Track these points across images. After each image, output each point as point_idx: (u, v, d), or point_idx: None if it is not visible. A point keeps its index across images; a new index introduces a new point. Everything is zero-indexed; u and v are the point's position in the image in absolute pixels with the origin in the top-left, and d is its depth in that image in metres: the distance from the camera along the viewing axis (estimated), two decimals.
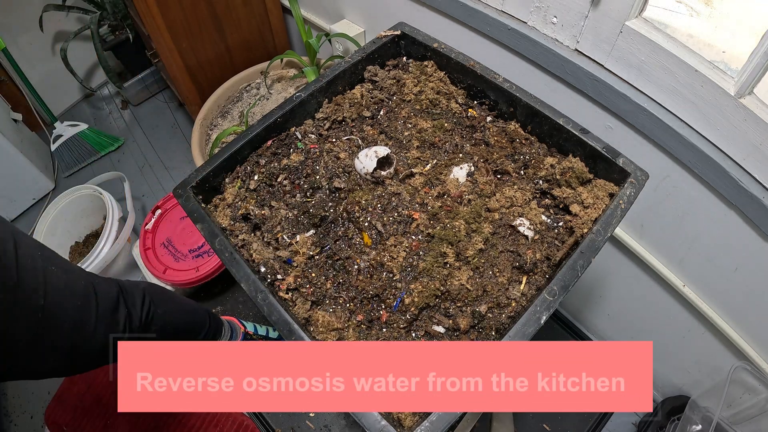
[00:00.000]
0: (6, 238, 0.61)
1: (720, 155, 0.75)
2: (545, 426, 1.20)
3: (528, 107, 0.73)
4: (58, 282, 0.65)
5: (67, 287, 0.66)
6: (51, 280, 0.64)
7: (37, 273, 0.62)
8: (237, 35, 1.53)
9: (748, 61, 0.66)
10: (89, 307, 0.68)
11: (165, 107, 2.15)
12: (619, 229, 1.02)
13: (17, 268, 0.60)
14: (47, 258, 0.66)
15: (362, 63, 0.84)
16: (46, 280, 0.63)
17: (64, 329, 0.65)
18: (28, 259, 0.62)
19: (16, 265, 0.60)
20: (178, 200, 0.69)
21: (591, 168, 0.68)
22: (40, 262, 0.64)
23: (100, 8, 1.83)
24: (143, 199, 1.85)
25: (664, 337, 1.10)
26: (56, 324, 0.63)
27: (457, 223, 0.65)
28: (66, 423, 1.22)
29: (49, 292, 0.63)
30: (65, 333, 0.65)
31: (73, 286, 0.67)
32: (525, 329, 0.53)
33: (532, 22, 0.90)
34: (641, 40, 0.76)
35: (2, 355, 0.59)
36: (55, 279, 0.64)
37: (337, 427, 1.22)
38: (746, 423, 1.01)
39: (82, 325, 0.66)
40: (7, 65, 1.74)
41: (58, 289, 0.64)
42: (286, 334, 0.56)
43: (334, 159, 0.74)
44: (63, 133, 1.89)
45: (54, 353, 0.64)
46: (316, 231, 0.69)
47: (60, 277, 0.66)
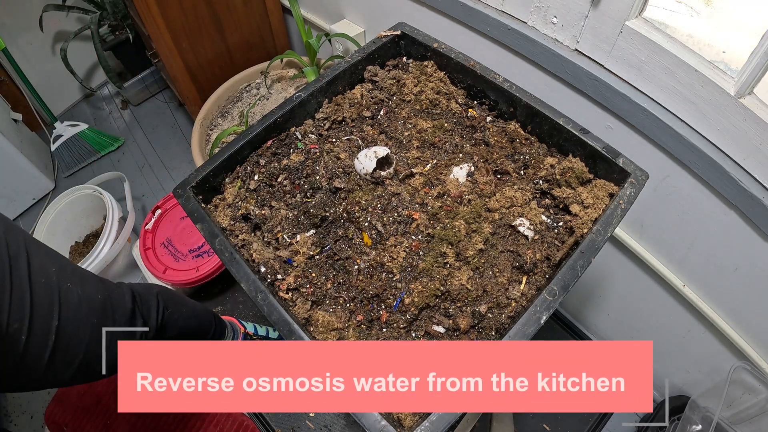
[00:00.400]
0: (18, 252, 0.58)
1: (720, 155, 0.75)
2: (545, 426, 1.20)
3: (528, 107, 0.73)
4: (74, 298, 0.62)
5: (83, 303, 0.63)
6: (66, 297, 0.61)
7: (52, 291, 0.60)
8: (237, 35, 1.53)
9: (748, 61, 0.66)
10: (105, 322, 0.66)
11: (165, 107, 2.15)
12: (619, 229, 1.02)
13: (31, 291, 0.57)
14: (62, 271, 0.63)
15: (362, 63, 0.84)
16: (60, 298, 0.60)
17: (80, 347, 0.63)
18: (42, 277, 0.60)
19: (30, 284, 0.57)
20: (178, 200, 0.69)
21: (591, 168, 0.68)
22: (55, 278, 0.61)
23: (100, 8, 1.83)
24: (143, 199, 1.85)
25: (664, 337, 1.10)
26: (70, 343, 0.61)
27: (457, 223, 0.65)
28: (66, 423, 1.22)
29: (63, 311, 0.60)
30: (80, 350, 0.63)
31: (90, 302, 0.65)
32: (525, 329, 0.53)
33: (532, 22, 0.90)
34: (641, 40, 0.76)
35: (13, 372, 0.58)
36: (70, 296, 0.62)
37: (337, 427, 1.22)
38: (746, 423, 1.01)
39: (98, 341, 0.64)
40: (7, 65, 1.74)
41: (74, 306, 0.62)
42: (286, 334, 0.56)
43: (334, 159, 0.74)
44: (63, 133, 1.89)
45: (69, 368, 0.63)
46: (316, 231, 0.69)
47: (75, 292, 0.63)
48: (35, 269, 0.59)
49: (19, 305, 0.55)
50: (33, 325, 0.57)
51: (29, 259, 0.59)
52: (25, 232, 0.64)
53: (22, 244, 0.60)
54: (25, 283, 0.57)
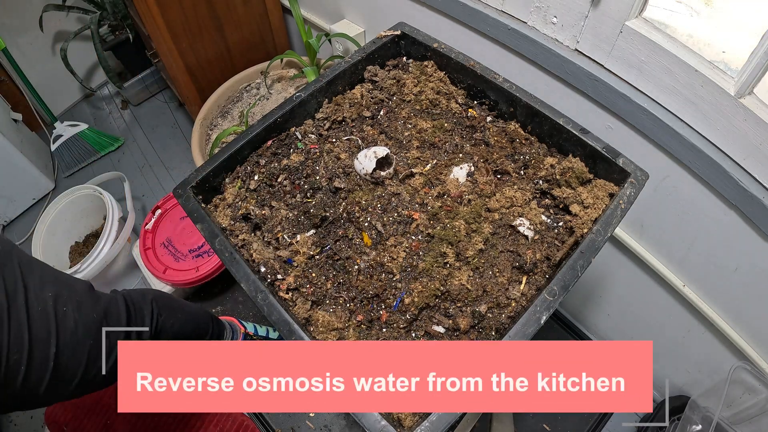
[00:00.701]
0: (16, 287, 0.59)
1: (720, 155, 0.75)
2: (545, 426, 1.20)
3: (528, 107, 0.73)
4: (70, 324, 0.63)
5: (79, 327, 0.64)
6: (63, 324, 0.62)
7: (49, 320, 0.60)
8: (237, 35, 1.53)
9: (748, 61, 0.66)
10: (101, 343, 0.66)
11: (165, 107, 2.15)
12: (619, 229, 1.02)
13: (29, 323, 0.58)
14: (58, 297, 0.63)
15: (362, 63, 0.84)
16: (58, 326, 0.61)
17: (78, 369, 0.64)
18: (39, 306, 0.60)
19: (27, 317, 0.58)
20: (178, 200, 0.69)
21: (591, 168, 0.68)
22: (51, 305, 0.62)
23: (100, 8, 1.83)
24: (143, 199, 1.85)
25: (664, 337, 1.10)
26: (68, 366, 0.62)
27: (457, 223, 0.65)
28: (66, 423, 1.22)
29: (61, 338, 0.61)
30: (79, 371, 0.64)
31: (86, 325, 0.65)
32: (525, 329, 0.53)
33: (532, 22, 0.90)
34: (641, 40, 0.76)
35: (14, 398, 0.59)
36: (67, 322, 0.62)
37: (337, 427, 1.22)
38: (746, 423, 1.01)
39: (95, 361, 0.65)
40: (7, 65, 1.74)
41: (71, 331, 0.63)
42: (286, 334, 0.56)
43: (334, 159, 0.74)
44: (63, 133, 1.89)
45: (68, 387, 0.64)
46: (316, 231, 0.69)
47: (71, 317, 0.63)
48: (31, 300, 0.60)
49: (17, 338, 0.57)
50: (32, 355, 0.58)
51: (26, 293, 0.60)
52: (20, 256, 0.63)
53: (18, 278, 0.60)
54: (23, 315, 0.58)
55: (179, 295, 1.48)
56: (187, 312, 0.92)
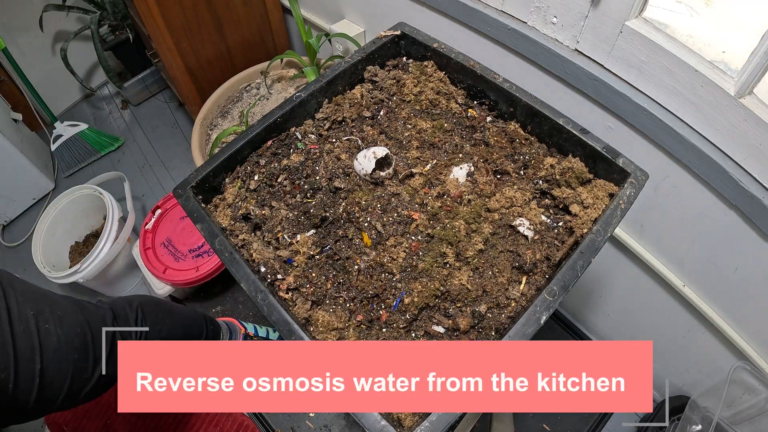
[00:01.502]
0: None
1: (720, 155, 0.75)
2: (545, 426, 1.20)
3: (528, 107, 0.73)
4: (53, 340, 0.64)
5: (62, 343, 0.65)
6: (46, 340, 0.63)
7: (32, 337, 0.61)
8: (237, 35, 1.53)
9: (748, 61, 0.66)
10: (86, 356, 0.68)
11: (165, 107, 2.15)
12: (619, 229, 1.02)
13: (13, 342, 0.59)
14: (40, 314, 0.64)
15: (362, 63, 0.84)
16: (41, 343, 0.62)
17: (64, 383, 0.65)
18: (22, 325, 0.61)
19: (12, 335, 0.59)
20: (178, 200, 0.69)
21: (591, 168, 0.68)
22: (33, 322, 0.63)
23: (100, 8, 1.83)
24: (143, 199, 1.85)
25: (664, 337, 1.10)
26: (54, 381, 0.63)
27: (457, 224, 0.65)
28: (66, 423, 1.22)
29: (45, 354, 0.62)
30: (65, 385, 0.65)
31: (69, 340, 0.66)
32: (525, 329, 0.53)
33: (532, 22, 0.90)
34: (641, 40, 0.76)
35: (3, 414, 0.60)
36: (50, 338, 0.64)
37: (337, 427, 1.22)
38: (746, 423, 1.01)
39: (80, 373, 0.66)
40: (7, 65, 1.74)
41: (54, 347, 0.64)
42: (286, 334, 0.56)
43: (334, 159, 0.74)
44: (63, 133, 1.89)
45: (55, 402, 0.65)
46: (316, 231, 0.69)
47: (54, 333, 0.64)
48: (14, 319, 0.61)
49: (3, 357, 0.58)
50: (18, 373, 0.59)
51: (9, 313, 0.61)
52: (1, 276, 0.65)
53: (0, 298, 0.62)
54: (7, 335, 0.59)
55: (180, 295, 1.48)
56: (177, 315, 0.92)
